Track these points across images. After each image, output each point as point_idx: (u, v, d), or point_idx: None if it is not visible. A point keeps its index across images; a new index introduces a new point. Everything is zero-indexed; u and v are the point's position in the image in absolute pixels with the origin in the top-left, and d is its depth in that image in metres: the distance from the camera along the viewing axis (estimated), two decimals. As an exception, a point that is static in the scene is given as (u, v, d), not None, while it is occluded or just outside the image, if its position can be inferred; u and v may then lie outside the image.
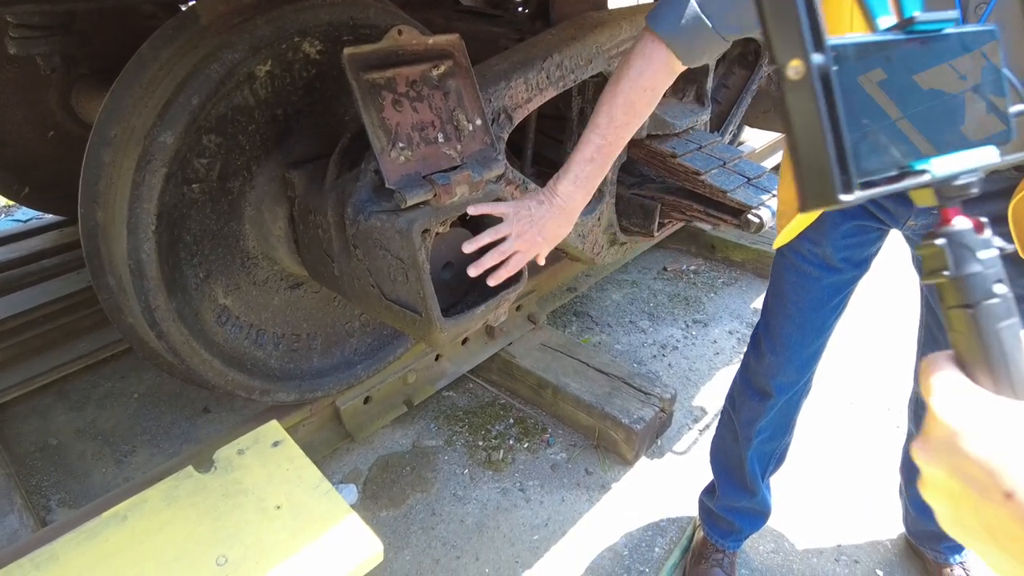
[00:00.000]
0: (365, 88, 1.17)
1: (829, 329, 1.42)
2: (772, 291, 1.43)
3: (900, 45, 0.41)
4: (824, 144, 0.36)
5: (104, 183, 1.28)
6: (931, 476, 0.43)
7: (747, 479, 1.60)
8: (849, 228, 1.27)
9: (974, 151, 0.43)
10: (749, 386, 1.53)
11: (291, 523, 0.93)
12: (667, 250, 3.26)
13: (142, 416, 2.24)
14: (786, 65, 0.36)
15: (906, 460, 1.65)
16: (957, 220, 0.43)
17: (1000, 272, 0.43)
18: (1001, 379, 0.41)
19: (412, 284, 1.25)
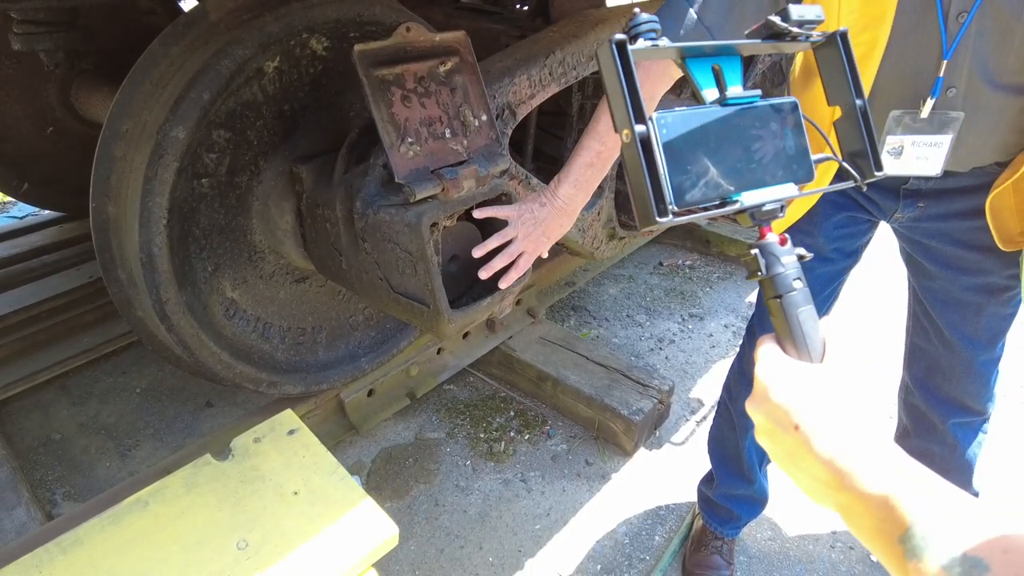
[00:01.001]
0: (375, 84, 1.19)
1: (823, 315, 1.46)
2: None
3: (718, 114, 0.55)
4: (644, 184, 0.50)
5: (116, 177, 1.30)
6: (757, 423, 0.57)
7: (744, 468, 1.64)
8: (840, 219, 1.31)
9: (777, 187, 0.58)
10: (745, 376, 1.56)
11: (309, 508, 0.96)
12: (663, 245, 3.29)
13: (145, 411, 2.26)
14: (621, 132, 0.51)
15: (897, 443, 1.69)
16: (768, 235, 0.58)
17: (799, 271, 0.58)
18: (801, 348, 0.57)
19: (420, 277, 1.27)
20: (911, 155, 1.10)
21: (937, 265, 1.30)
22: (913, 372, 1.52)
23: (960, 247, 1.23)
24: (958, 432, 1.51)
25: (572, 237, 2.02)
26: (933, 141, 1.07)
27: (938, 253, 1.28)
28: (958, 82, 1.01)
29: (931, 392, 1.49)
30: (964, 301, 1.31)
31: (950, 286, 1.31)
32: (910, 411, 1.58)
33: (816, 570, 1.76)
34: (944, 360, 1.42)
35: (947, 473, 1.58)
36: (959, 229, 1.21)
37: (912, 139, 1.08)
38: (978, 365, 1.39)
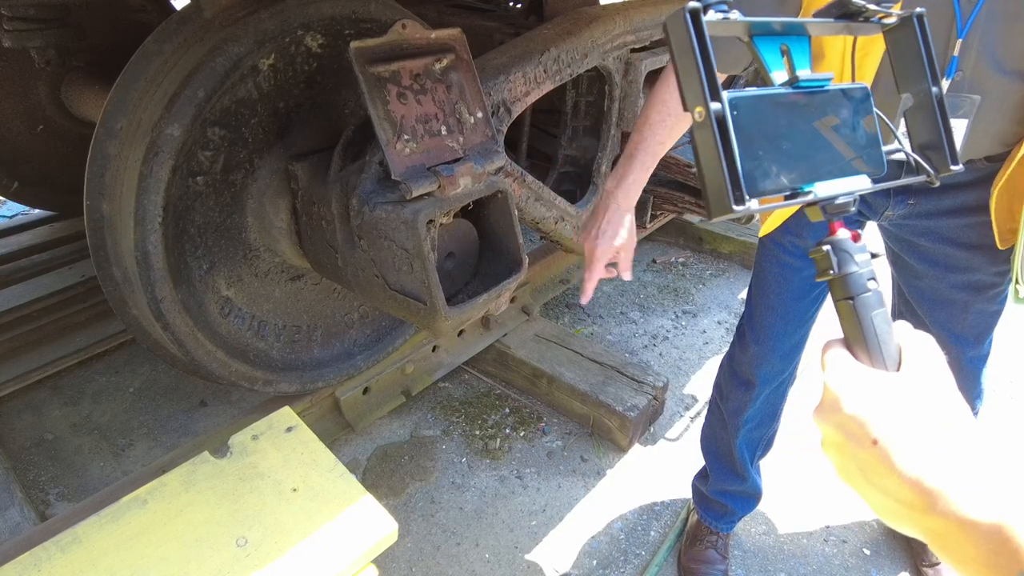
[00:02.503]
0: (371, 81, 1.19)
1: (811, 319, 1.47)
2: (755, 282, 1.48)
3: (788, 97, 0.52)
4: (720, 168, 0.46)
5: (110, 175, 1.29)
6: (823, 434, 0.52)
7: (737, 465, 1.65)
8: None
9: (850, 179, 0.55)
10: (735, 375, 1.57)
11: (308, 505, 0.96)
12: (656, 243, 3.30)
13: (138, 410, 2.25)
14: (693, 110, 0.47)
15: None
16: (840, 231, 0.55)
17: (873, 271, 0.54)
18: (875, 355, 0.53)
19: (417, 274, 1.27)
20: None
21: (925, 263, 1.31)
22: None
23: (948, 245, 1.24)
24: None
25: (567, 235, 2.02)
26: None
27: (926, 251, 1.29)
28: (965, 66, 1.00)
29: None
30: (951, 299, 1.32)
31: (937, 284, 1.32)
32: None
33: (810, 563, 1.77)
34: None
35: None
36: (948, 227, 1.22)
37: None
38: (965, 362, 1.40)
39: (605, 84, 1.86)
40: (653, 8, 1.91)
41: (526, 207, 1.75)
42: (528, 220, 1.83)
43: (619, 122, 1.89)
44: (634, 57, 1.86)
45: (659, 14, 1.91)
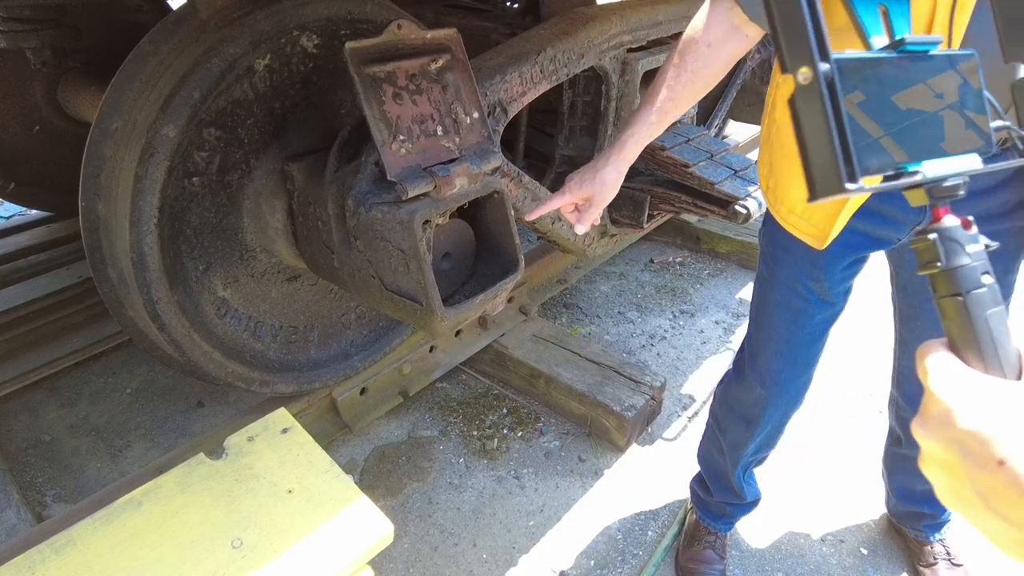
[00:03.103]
0: (367, 81, 1.19)
1: (818, 358, 1.42)
2: (761, 325, 1.40)
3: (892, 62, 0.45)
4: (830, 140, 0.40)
5: (106, 176, 1.29)
6: (929, 450, 0.46)
7: (733, 485, 1.65)
8: (849, 261, 1.25)
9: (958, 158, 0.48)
10: (734, 412, 1.54)
11: (304, 506, 0.96)
12: (654, 242, 3.30)
13: (136, 411, 2.24)
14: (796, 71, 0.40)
15: (888, 449, 1.70)
16: (947, 218, 0.48)
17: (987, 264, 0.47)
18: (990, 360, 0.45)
19: (413, 274, 1.27)
20: None
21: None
22: (905, 391, 1.50)
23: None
24: None
25: (564, 235, 2.02)
26: None
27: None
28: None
29: None
30: None
31: None
32: (903, 424, 1.58)
33: (807, 563, 1.77)
34: None
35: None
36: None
37: None
38: None
39: (602, 84, 1.86)
40: (650, 8, 1.91)
41: (522, 207, 1.75)
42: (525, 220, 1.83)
43: (616, 122, 1.89)
44: (631, 57, 1.86)
45: (655, 14, 1.91)
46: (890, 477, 1.75)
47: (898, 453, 1.65)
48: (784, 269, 1.30)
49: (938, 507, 1.69)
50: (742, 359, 1.49)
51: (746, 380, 1.47)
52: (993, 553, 1.77)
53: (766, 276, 1.36)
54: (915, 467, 1.58)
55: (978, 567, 1.72)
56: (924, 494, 1.68)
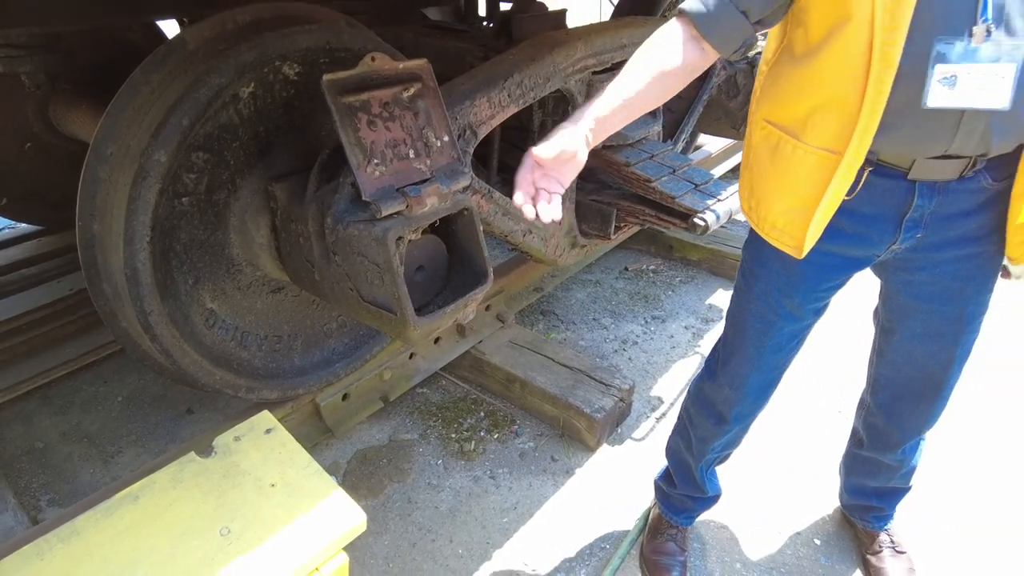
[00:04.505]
0: (343, 110, 1.30)
1: (786, 366, 1.53)
2: (735, 332, 1.51)
3: None
4: None
5: (101, 197, 1.39)
6: None
7: (696, 480, 1.75)
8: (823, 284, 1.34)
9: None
10: (707, 408, 1.63)
11: (285, 499, 1.06)
12: (628, 251, 3.43)
13: (127, 418, 2.33)
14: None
15: (849, 450, 1.79)
16: None
17: None
18: None
19: (388, 286, 1.38)
20: (969, 85, 0.98)
21: (921, 299, 1.33)
22: (879, 399, 1.57)
23: (947, 277, 1.27)
24: (909, 449, 1.63)
25: (536, 246, 2.14)
26: (994, 72, 0.97)
27: (924, 286, 1.31)
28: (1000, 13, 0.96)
29: (898, 417, 1.55)
30: (942, 332, 1.35)
31: (933, 319, 1.34)
32: (869, 428, 1.66)
33: (764, 553, 1.89)
34: (914, 388, 1.47)
35: (889, 478, 1.72)
36: (949, 258, 1.24)
37: (967, 68, 0.97)
38: (946, 389, 1.45)
39: (568, 105, 1.98)
40: (614, 32, 2.03)
41: (494, 221, 1.86)
42: (498, 233, 1.94)
43: (583, 140, 2.01)
44: (596, 79, 1.98)
45: (619, 38, 2.04)
46: (847, 475, 1.86)
47: (859, 455, 1.75)
48: (760, 283, 1.40)
49: (886, 501, 1.81)
50: (715, 360, 1.59)
51: (717, 380, 1.58)
52: (933, 541, 1.90)
53: (743, 288, 1.45)
54: (872, 468, 1.71)
55: (918, 554, 1.85)
56: (875, 491, 1.80)
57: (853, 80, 1.04)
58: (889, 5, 0.97)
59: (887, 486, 1.76)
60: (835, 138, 1.11)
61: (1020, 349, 2.69)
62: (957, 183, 1.14)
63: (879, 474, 1.74)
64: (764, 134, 1.25)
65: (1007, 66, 0.97)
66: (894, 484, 1.76)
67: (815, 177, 1.15)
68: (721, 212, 1.94)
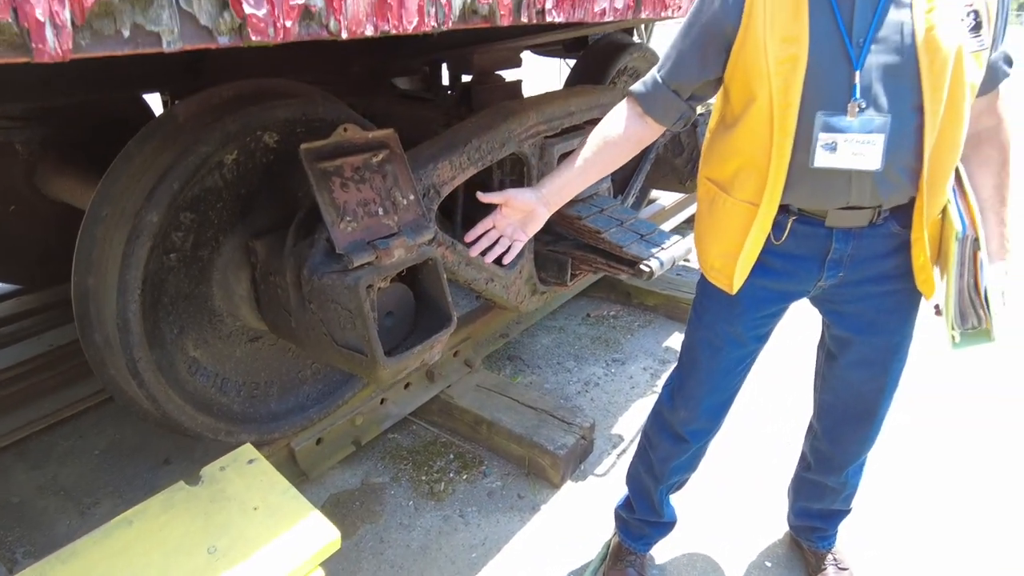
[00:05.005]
0: (318, 174, 1.47)
1: (736, 388, 1.70)
2: (688, 356, 1.68)
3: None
4: None
5: (96, 254, 1.52)
6: None
7: (655, 504, 1.89)
8: (762, 314, 1.53)
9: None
10: (665, 430, 1.78)
11: (267, 519, 1.17)
12: (590, 298, 3.62)
13: (104, 470, 2.38)
14: None
15: (798, 474, 1.96)
16: None
17: None
18: None
19: (359, 330, 1.52)
20: (846, 151, 1.19)
21: (855, 330, 1.50)
22: (824, 424, 1.74)
23: (872, 310, 1.44)
24: (850, 472, 1.80)
25: (499, 293, 2.30)
26: (866, 139, 1.18)
27: (856, 318, 1.47)
28: (868, 93, 1.17)
29: (839, 441, 1.71)
30: (874, 360, 1.52)
31: (862, 347, 1.51)
32: (816, 453, 1.82)
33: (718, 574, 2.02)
34: (852, 412, 1.64)
35: (833, 501, 1.88)
36: (871, 294, 1.42)
37: (844, 137, 1.18)
38: (879, 414, 1.63)
39: (524, 166, 2.18)
40: (563, 101, 2.27)
41: (458, 271, 2.02)
42: (462, 282, 2.10)
43: (538, 196, 2.21)
44: (548, 143, 2.19)
45: (568, 106, 2.27)
46: (795, 498, 2.01)
47: (806, 478, 1.91)
48: (708, 314, 1.59)
49: (829, 522, 1.97)
50: (671, 386, 1.75)
51: (674, 403, 1.73)
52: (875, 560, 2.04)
53: (695, 319, 1.65)
54: (818, 491, 1.86)
55: (861, 572, 1.99)
56: (819, 512, 1.95)
57: (763, 146, 1.27)
58: (781, 88, 1.21)
59: (830, 508, 1.92)
60: (754, 193, 1.33)
61: (943, 382, 2.91)
62: (869, 229, 1.35)
63: (824, 496, 1.89)
64: (705, 189, 1.49)
65: (877, 135, 1.18)
66: (837, 506, 1.91)
67: (741, 225, 1.38)
68: (665, 259, 2.14)
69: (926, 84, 1.15)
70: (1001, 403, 2.78)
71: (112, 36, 0.71)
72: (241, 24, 0.84)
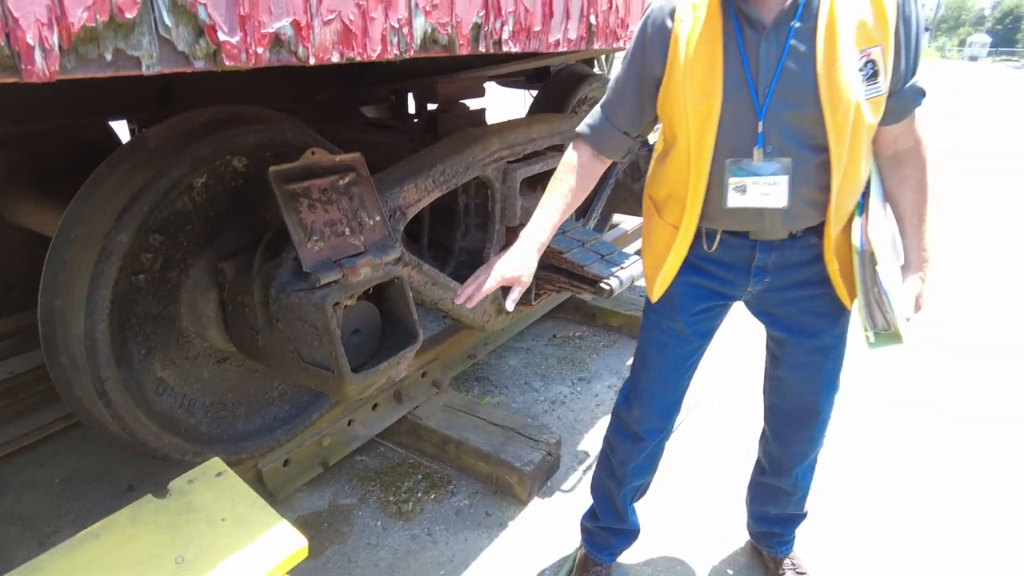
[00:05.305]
0: (286, 196, 1.52)
1: (685, 385, 1.78)
2: (639, 357, 1.78)
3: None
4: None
5: (64, 276, 1.54)
6: None
7: (619, 508, 1.95)
8: (699, 307, 1.63)
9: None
10: (622, 431, 1.85)
11: (235, 530, 1.19)
12: (556, 319, 3.69)
13: (65, 499, 2.35)
14: None
15: (753, 479, 2.03)
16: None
17: None
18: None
19: (326, 347, 1.56)
20: (755, 192, 1.34)
21: (787, 331, 1.60)
22: (772, 425, 1.83)
23: (800, 313, 1.55)
24: (800, 473, 1.88)
25: (465, 313, 2.36)
26: (771, 181, 1.33)
27: (786, 320, 1.59)
28: (774, 140, 1.30)
29: (785, 443, 1.81)
30: (808, 362, 1.63)
31: (797, 350, 1.62)
32: (767, 456, 1.91)
33: (681, 585, 2.06)
34: (797, 415, 1.73)
35: (787, 504, 1.96)
36: (797, 297, 1.53)
37: (753, 179, 1.33)
38: (821, 413, 1.72)
39: (488, 190, 2.26)
40: (525, 128, 2.36)
41: (424, 290, 2.08)
42: (428, 302, 2.16)
43: (502, 219, 2.29)
44: (510, 167, 2.28)
45: (530, 133, 2.36)
46: (751, 503, 2.08)
47: (761, 482, 1.99)
48: (653, 314, 1.70)
49: (786, 527, 2.04)
50: (627, 388, 1.83)
51: (629, 402, 1.81)
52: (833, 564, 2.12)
53: (644, 322, 1.76)
54: (771, 494, 1.94)
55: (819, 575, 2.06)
56: (776, 517, 2.02)
57: (683, 182, 1.43)
58: (697, 136, 1.36)
59: (785, 512, 1.99)
60: (677, 219, 1.49)
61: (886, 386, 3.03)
62: (790, 241, 1.48)
63: (778, 499, 1.96)
64: (646, 206, 1.63)
65: (781, 177, 1.33)
66: (791, 510, 1.98)
67: (665, 244, 1.54)
68: (624, 277, 2.23)
69: (830, 131, 1.27)
70: (937, 411, 2.91)
71: (96, 59, 0.76)
72: (216, 50, 0.90)
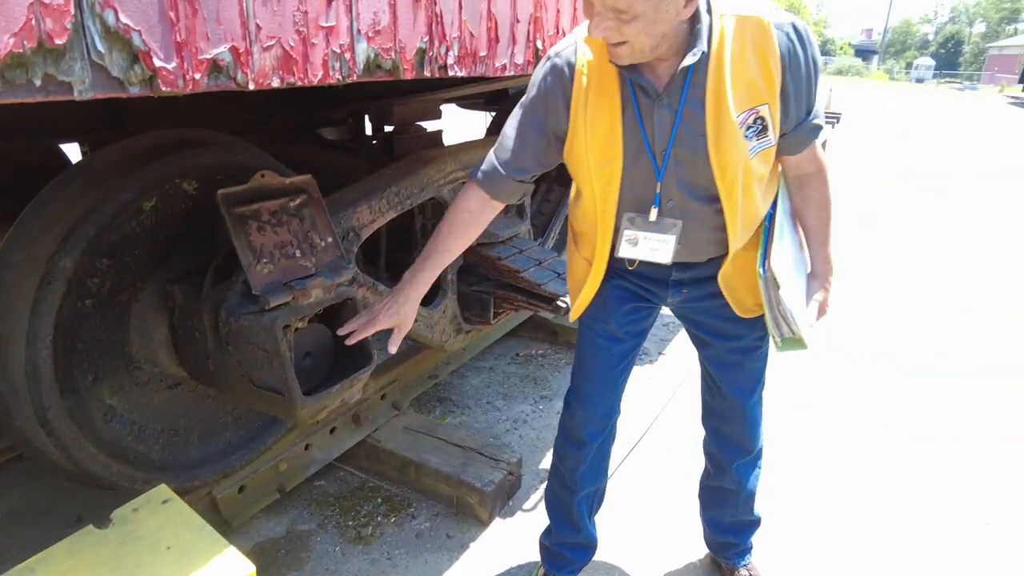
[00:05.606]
0: (235, 218, 1.52)
1: (621, 385, 1.84)
2: (577, 361, 1.84)
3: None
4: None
5: (5, 301, 1.51)
6: None
7: (574, 518, 1.96)
8: (627, 309, 1.71)
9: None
10: (568, 439, 1.91)
11: (181, 558, 1.17)
12: (519, 338, 3.71)
13: (7, 535, 2.26)
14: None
15: (702, 483, 2.08)
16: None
17: None
18: None
19: (276, 371, 1.55)
20: (645, 246, 1.49)
21: (707, 334, 1.73)
22: (707, 425, 1.94)
23: (717, 319, 1.67)
24: (741, 471, 1.93)
25: (423, 333, 2.36)
26: (661, 239, 1.47)
27: (705, 325, 1.71)
28: (673, 196, 1.43)
29: (720, 439, 1.91)
30: (729, 360, 1.74)
31: (718, 350, 1.74)
32: (709, 457, 2.00)
33: (640, 601, 2.07)
34: (726, 411, 1.84)
35: (736, 506, 1.99)
36: (713, 307, 1.65)
37: (644, 235, 1.47)
38: (748, 409, 1.82)
39: (444, 209, 2.28)
40: (481, 148, 2.39)
41: (381, 312, 2.07)
42: (385, 323, 2.15)
43: (459, 239, 2.31)
44: (466, 188, 2.31)
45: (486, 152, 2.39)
46: (704, 509, 2.11)
47: (708, 485, 2.04)
48: (587, 318, 1.77)
49: (741, 536, 2.07)
50: (569, 396, 1.89)
51: (571, 408, 1.87)
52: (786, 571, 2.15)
53: (579, 329, 1.82)
54: (719, 497, 1.98)
55: (772, 585, 2.09)
56: (731, 524, 2.06)
57: (592, 227, 1.55)
58: (601, 194, 1.48)
59: (737, 518, 2.03)
60: (590, 255, 1.61)
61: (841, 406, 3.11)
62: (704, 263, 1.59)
63: (726, 502, 2.01)
64: (569, 233, 1.76)
65: (670, 236, 1.46)
66: (740, 515, 2.02)
67: (582, 274, 1.67)
68: (580, 296, 2.25)
69: (721, 189, 1.39)
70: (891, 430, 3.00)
71: (24, 85, 0.76)
72: (152, 76, 0.90)
